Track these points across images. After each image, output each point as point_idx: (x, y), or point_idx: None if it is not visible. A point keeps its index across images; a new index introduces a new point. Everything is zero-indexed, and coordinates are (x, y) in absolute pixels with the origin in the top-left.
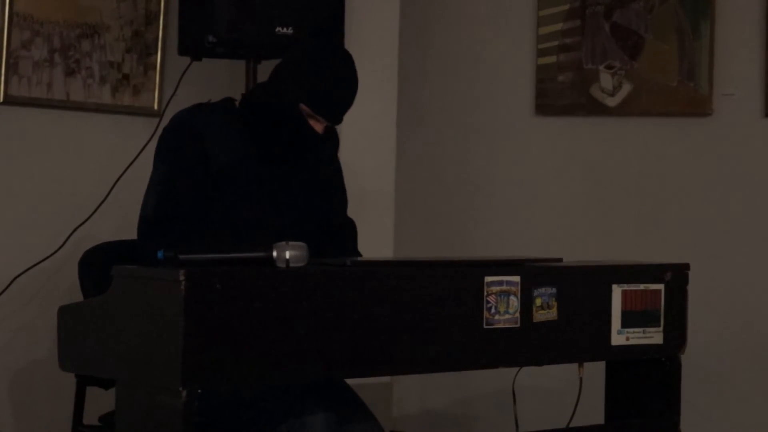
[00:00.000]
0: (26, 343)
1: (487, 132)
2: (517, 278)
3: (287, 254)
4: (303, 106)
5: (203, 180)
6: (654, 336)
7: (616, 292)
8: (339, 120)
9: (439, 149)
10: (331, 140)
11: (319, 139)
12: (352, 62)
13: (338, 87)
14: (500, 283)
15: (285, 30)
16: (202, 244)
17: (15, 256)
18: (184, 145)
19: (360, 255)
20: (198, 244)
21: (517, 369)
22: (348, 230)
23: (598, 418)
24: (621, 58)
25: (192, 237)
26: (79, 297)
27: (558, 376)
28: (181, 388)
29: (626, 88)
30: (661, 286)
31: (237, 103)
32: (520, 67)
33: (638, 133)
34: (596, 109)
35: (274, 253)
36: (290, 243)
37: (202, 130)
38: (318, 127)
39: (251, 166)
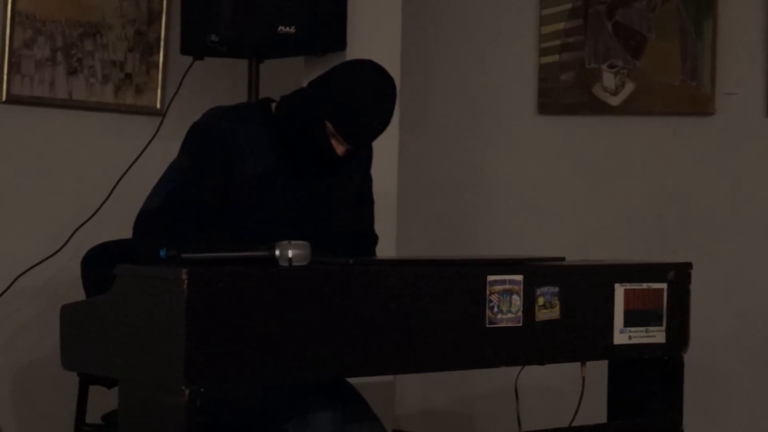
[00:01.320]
0: (29, 342)
1: (490, 131)
2: (519, 277)
3: (290, 253)
4: (328, 124)
5: (220, 188)
6: (656, 335)
7: (619, 291)
8: (361, 146)
9: (441, 148)
10: (365, 155)
11: (336, 160)
12: (393, 96)
13: (367, 115)
14: (503, 282)
15: (287, 29)
16: (205, 244)
17: (17, 255)
18: (206, 150)
19: None
20: (200, 244)
21: (519, 368)
22: (369, 243)
23: (601, 417)
24: (623, 57)
25: (195, 242)
26: (81, 296)
27: (560, 375)
28: (183, 387)
29: (629, 87)
30: (663, 285)
31: (273, 106)
32: (523, 66)
33: (641, 132)
34: (599, 108)
35: (277, 252)
36: (293, 242)
37: (231, 135)
38: (339, 148)
39: (277, 178)
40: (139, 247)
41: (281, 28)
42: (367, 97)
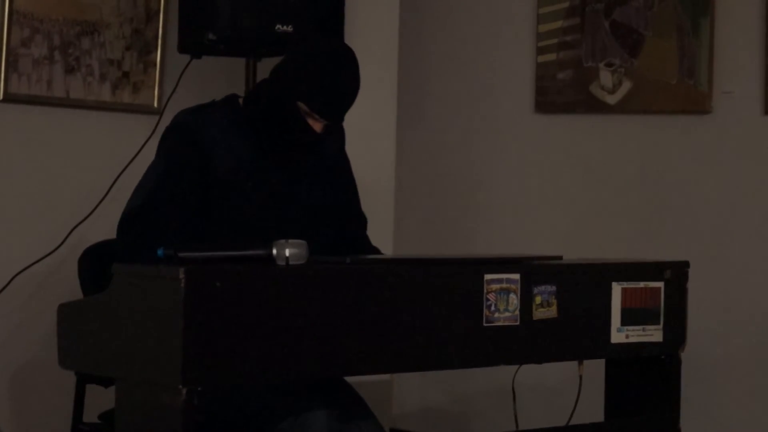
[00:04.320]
0: (26, 340)
1: (487, 129)
2: (516, 276)
3: (287, 252)
4: (301, 104)
5: (198, 184)
6: (654, 334)
7: (616, 289)
8: (338, 119)
9: (439, 146)
10: (337, 135)
11: (316, 138)
12: (355, 62)
13: (336, 86)
14: (500, 280)
15: (285, 28)
16: (202, 243)
17: (15, 254)
18: (182, 150)
19: (376, 249)
20: (197, 243)
21: (516, 367)
22: (360, 223)
23: (598, 415)
24: (621, 56)
25: (181, 240)
26: (78, 295)
27: (558, 373)
28: (181, 386)
29: (626, 85)
30: (660, 284)
31: (241, 101)
32: (520, 64)
33: (638, 131)
34: (596, 106)
35: (274, 251)
36: (290, 241)
37: (203, 134)
38: (317, 126)
39: (257, 169)
40: (122, 248)
41: (279, 26)
42: (333, 68)
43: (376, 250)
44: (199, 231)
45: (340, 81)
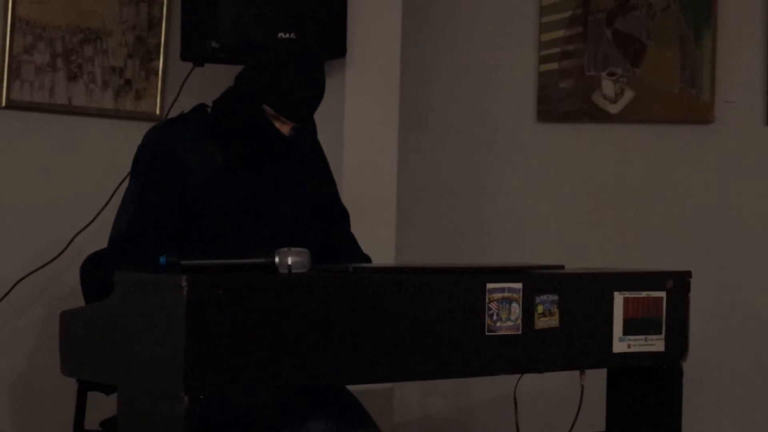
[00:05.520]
0: (28, 347)
1: (489, 138)
2: (518, 285)
3: (289, 260)
4: (266, 108)
5: (177, 198)
6: (655, 343)
7: (618, 299)
8: (304, 121)
9: (440, 155)
10: (308, 129)
11: (285, 141)
12: (319, 63)
13: (300, 86)
14: (502, 290)
15: (287, 35)
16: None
17: (17, 261)
18: (156, 164)
19: (363, 251)
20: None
21: (518, 376)
22: (342, 218)
23: (600, 425)
24: (623, 65)
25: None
26: (80, 302)
27: (559, 383)
28: (182, 394)
29: (628, 95)
30: (662, 294)
31: (209, 110)
32: (522, 73)
33: (640, 140)
34: (598, 115)
35: (277, 259)
36: (292, 249)
37: (175, 147)
38: (284, 128)
39: (231, 176)
40: (116, 270)
41: (281, 34)
42: (296, 69)
43: (367, 258)
44: (183, 243)
45: (304, 82)
